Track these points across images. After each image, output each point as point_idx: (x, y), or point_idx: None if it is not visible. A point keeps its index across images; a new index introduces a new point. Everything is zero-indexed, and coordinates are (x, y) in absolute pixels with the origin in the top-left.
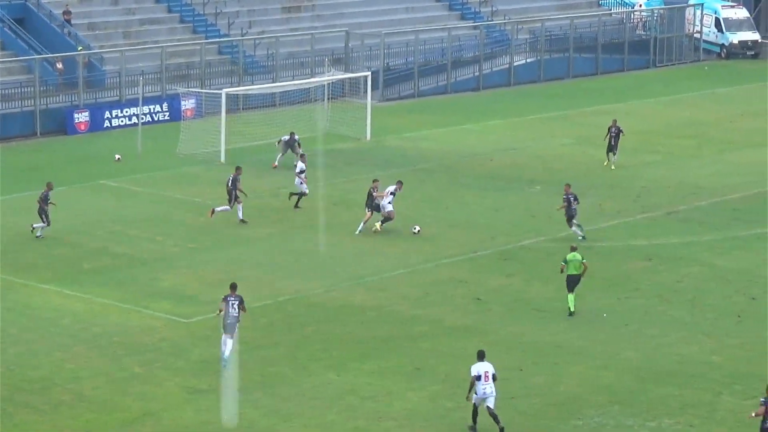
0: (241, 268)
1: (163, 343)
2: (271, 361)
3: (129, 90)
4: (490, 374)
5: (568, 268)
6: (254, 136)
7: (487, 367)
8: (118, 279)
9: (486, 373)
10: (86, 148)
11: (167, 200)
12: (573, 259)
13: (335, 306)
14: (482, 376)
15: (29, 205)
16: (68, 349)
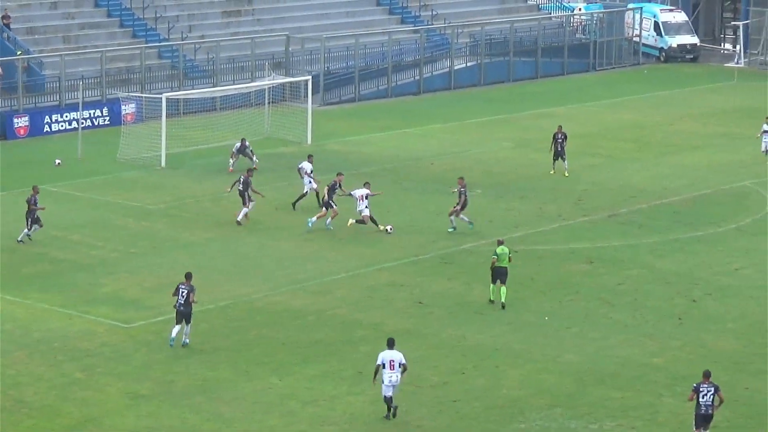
0: (181, 273)
1: (104, 348)
2: (212, 366)
3: (69, 95)
4: (396, 362)
5: (498, 260)
6: (195, 140)
7: (393, 355)
8: (58, 284)
9: (391, 361)
10: (26, 153)
11: (108, 205)
12: (502, 253)
13: (276, 310)
14: (387, 364)
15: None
16: (8, 355)
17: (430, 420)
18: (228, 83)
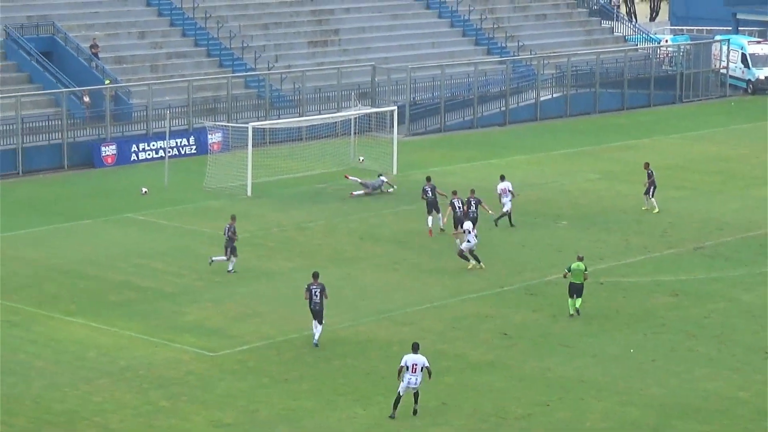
0: (265, 302)
1: (189, 376)
2: (295, 395)
3: (156, 123)
4: (419, 366)
5: (572, 276)
6: (280, 170)
7: (417, 359)
8: (143, 312)
9: (414, 365)
10: (113, 182)
11: (193, 234)
12: (576, 269)
13: (360, 340)
14: (410, 367)
15: (54, 238)
16: (93, 382)
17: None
18: (314, 113)
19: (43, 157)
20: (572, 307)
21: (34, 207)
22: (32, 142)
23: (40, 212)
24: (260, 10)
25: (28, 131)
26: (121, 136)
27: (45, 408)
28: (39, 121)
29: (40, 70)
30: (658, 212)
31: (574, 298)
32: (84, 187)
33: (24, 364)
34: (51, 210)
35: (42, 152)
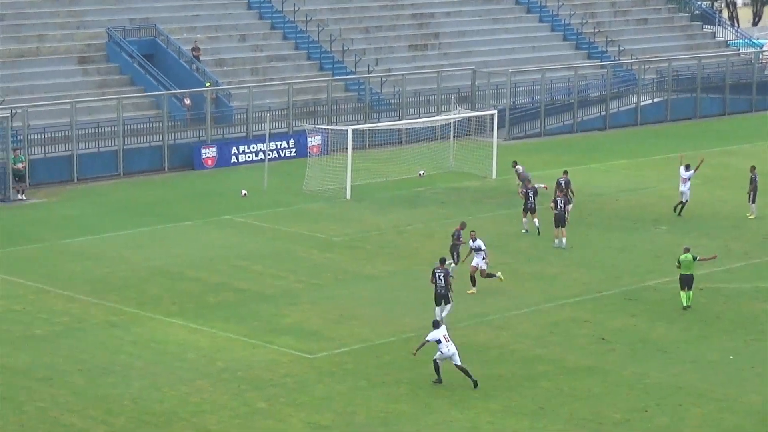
0: (364, 305)
1: (287, 378)
2: (393, 398)
3: (256, 126)
4: (447, 335)
5: (682, 268)
6: (380, 173)
7: (443, 331)
8: (242, 314)
9: (444, 336)
10: (212, 184)
11: (292, 236)
12: (685, 260)
13: (458, 344)
14: (441, 339)
15: (154, 239)
16: (192, 383)
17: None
18: (413, 116)
19: (144, 159)
20: (685, 300)
21: (134, 208)
22: (133, 144)
23: (141, 214)
24: (361, 14)
25: (130, 133)
26: (221, 139)
27: (144, 408)
28: (140, 123)
29: (141, 72)
30: (755, 218)
31: (686, 290)
32: (184, 189)
33: (124, 365)
34: (151, 211)
35: (143, 154)
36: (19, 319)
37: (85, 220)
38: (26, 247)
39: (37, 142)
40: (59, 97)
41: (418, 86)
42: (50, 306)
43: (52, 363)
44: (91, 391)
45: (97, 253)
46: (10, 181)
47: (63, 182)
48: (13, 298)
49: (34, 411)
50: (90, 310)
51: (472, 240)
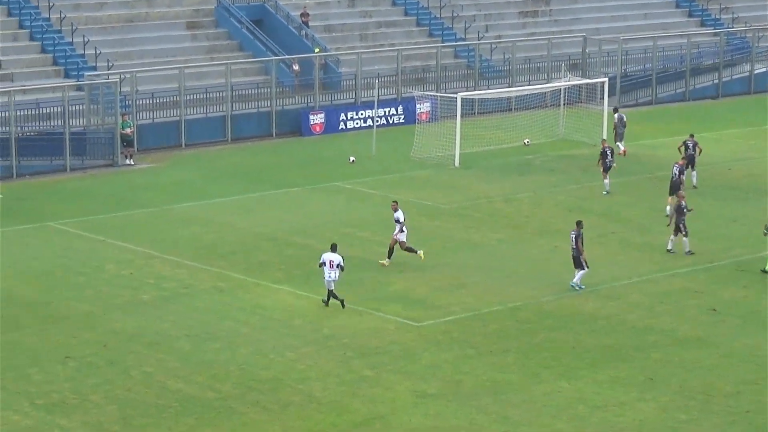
0: (471, 273)
1: (393, 346)
2: (500, 368)
3: (364, 92)
4: (335, 263)
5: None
6: (488, 140)
7: (333, 257)
8: (348, 281)
9: (330, 261)
10: (320, 150)
11: (399, 203)
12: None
13: (566, 314)
14: (327, 263)
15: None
16: (298, 350)
17: (722, 430)
18: (523, 84)
19: (252, 125)
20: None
21: (242, 174)
22: (241, 109)
23: (249, 180)
24: None
25: (238, 99)
26: (330, 105)
27: (250, 374)
28: (248, 89)
29: (250, 38)
30: None
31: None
32: (292, 155)
33: (231, 331)
34: (259, 177)
35: (251, 120)
36: (127, 284)
37: (193, 186)
38: (134, 212)
39: (146, 107)
40: (168, 62)
41: (528, 53)
42: (158, 271)
43: (159, 328)
44: (198, 357)
45: (205, 219)
46: (119, 146)
47: (171, 147)
48: (122, 263)
49: (141, 376)
50: (197, 276)
51: (393, 210)
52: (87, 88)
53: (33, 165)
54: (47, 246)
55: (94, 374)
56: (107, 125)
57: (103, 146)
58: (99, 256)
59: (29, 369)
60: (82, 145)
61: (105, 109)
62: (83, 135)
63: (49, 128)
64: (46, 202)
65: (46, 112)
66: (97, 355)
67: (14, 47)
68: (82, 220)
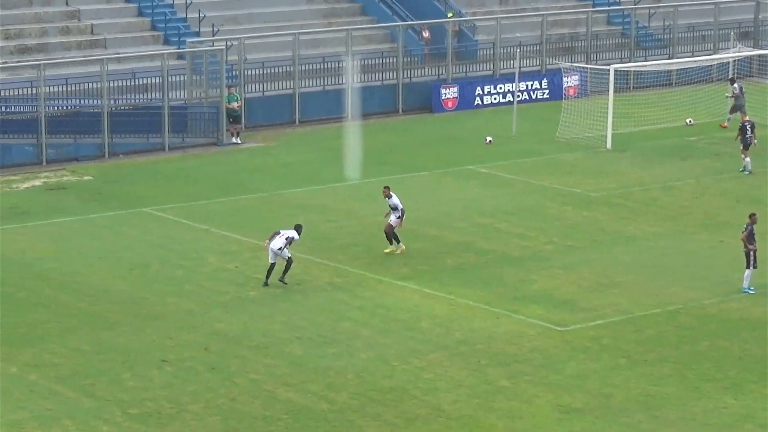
0: (624, 271)
1: (533, 353)
2: (655, 379)
3: (504, 63)
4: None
5: None
6: (645, 119)
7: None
8: (484, 278)
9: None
10: (453, 129)
11: (543, 190)
12: None
13: (732, 319)
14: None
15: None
16: (425, 356)
17: None
18: (686, 55)
19: (375, 99)
20: None
21: (364, 155)
22: (364, 82)
23: (371, 161)
24: None
25: (361, 69)
26: (464, 77)
27: (370, 383)
28: (372, 59)
29: (375, 1)
30: None
31: None
32: (420, 133)
33: (348, 333)
34: (383, 159)
35: (374, 93)
36: (232, 280)
37: (308, 168)
38: (241, 197)
39: (255, 78)
40: (280, 27)
41: (692, 20)
42: (267, 265)
43: (267, 329)
44: (311, 363)
45: (321, 206)
46: (224, 122)
47: (283, 124)
48: (227, 256)
49: (247, 383)
50: (311, 270)
51: (388, 197)
52: (189, 57)
53: (127, 143)
54: (143, 235)
55: (194, 381)
56: (211, 99)
57: (207, 122)
58: (200, 247)
59: (122, 374)
60: (183, 121)
61: (209, 80)
62: (184, 110)
63: (146, 102)
64: (141, 185)
65: (142, 84)
66: (196, 360)
67: (108, 10)
68: (182, 205)
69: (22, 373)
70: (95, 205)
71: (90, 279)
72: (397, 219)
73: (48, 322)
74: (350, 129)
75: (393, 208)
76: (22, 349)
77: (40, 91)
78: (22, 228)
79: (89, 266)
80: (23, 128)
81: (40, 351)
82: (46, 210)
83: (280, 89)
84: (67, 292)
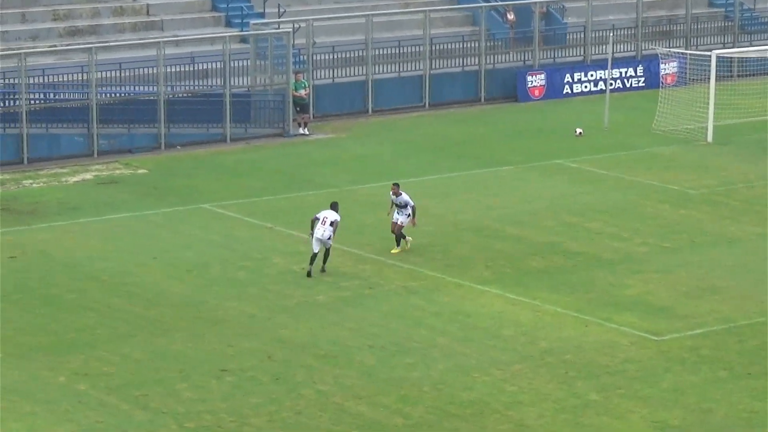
0: (726, 275)
1: (627, 365)
2: (760, 394)
3: (596, 48)
4: (329, 220)
5: None
6: (749, 110)
7: (329, 213)
8: (572, 282)
9: (325, 218)
10: (540, 119)
11: (638, 187)
12: None
13: None
14: (320, 219)
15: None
16: (508, 368)
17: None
18: None
19: (456, 87)
20: None
21: (442, 148)
22: (442, 68)
23: (450, 155)
24: None
25: (438, 54)
26: (552, 64)
27: (448, 396)
28: (451, 43)
29: None
30: None
31: None
32: (504, 124)
33: (425, 342)
34: (463, 152)
35: (454, 81)
36: (299, 282)
37: (381, 162)
38: (309, 193)
39: (324, 63)
40: (352, 9)
41: None
42: (336, 266)
43: (336, 337)
44: (384, 374)
45: None
46: (291, 111)
47: (354, 114)
48: (293, 256)
49: (314, 395)
50: (384, 273)
51: (395, 195)
52: (253, 40)
53: (185, 134)
54: (201, 233)
55: (256, 392)
56: (277, 86)
57: (272, 112)
58: (265, 247)
59: (178, 384)
60: (246, 109)
61: (274, 66)
62: (247, 98)
63: (206, 89)
64: (200, 179)
65: (202, 69)
66: (259, 369)
67: None
68: (245, 201)
69: (70, 383)
70: (150, 200)
71: (144, 281)
72: (407, 217)
73: (98, 328)
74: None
75: (402, 206)
76: (71, 356)
77: (92, 76)
78: (70, 225)
79: (143, 267)
80: (73, 117)
81: (89, 359)
82: (97, 206)
83: (352, 76)
84: (118, 294)
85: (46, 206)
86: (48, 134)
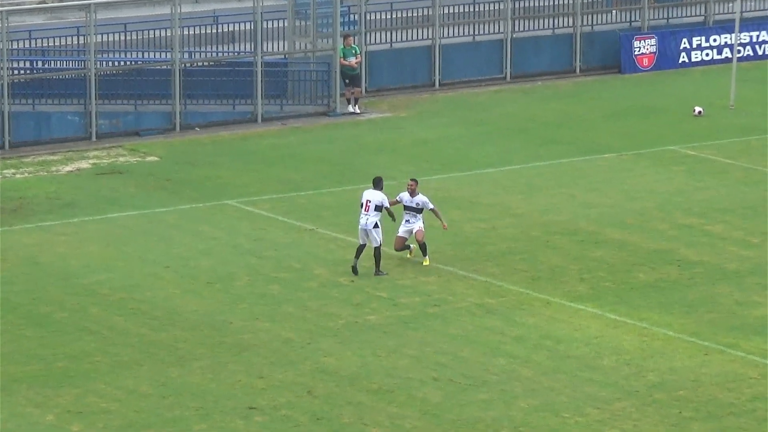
0: None
1: (755, 403)
2: None
3: (719, 7)
4: (373, 204)
5: None
6: None
7: (372, 195)
8: (688, 300)
9: (368, 201)
10: (650, 95)
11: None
12: None
13: None
14: (363, 204)
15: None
16: (608, 406)
17: None
18: None
19: (543, 56)
20: None
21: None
22: (528, 31)
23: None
24: None
25: (522, 14)
26: (665, 26)
27: None
28: (539, 1)
29: None
30: None
31: None
32: (604, 102)
33: (504, 373)
34: (553, 136)
35: (541, 48)
36: (347, 299)
37: (451, 147)
38: (359, 187)
39: (380, 25)
40: None
41: None
42: (392, 279)
43: (393, 367)
44: (453, 413)
45: (467, 198)
46: (338, 83)
47: (417, 88)
48: (339, 266)
49: None
50: (453, 287)
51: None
52: None
53: (206, 112)
54: (226, 236)
55: None
56: (321, 53)
57: (314, 85)
58: (305, 254)
59: (195, 425)
60: (282, 82)
61: (317, 28)
62: (284, 67)
63: (232, 56)
64: (224, 168)
65: (227, 32)
66: (296, 407)
67: None
68: (280, 197)
69: (60, 423)
70: (162, 195)
71: (154, 296)
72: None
73: (96, 354)
74: None
75: (416, 209)
76: (62, 390)
77: (90, 40)
78: (63, 226)
79: (153, 278)
80: (66, 90)
81: (85, 393)
82: (96, 201)
83: (414, 40)
84: (122, 313)
85: (33, 202)
86: (35, 112)
